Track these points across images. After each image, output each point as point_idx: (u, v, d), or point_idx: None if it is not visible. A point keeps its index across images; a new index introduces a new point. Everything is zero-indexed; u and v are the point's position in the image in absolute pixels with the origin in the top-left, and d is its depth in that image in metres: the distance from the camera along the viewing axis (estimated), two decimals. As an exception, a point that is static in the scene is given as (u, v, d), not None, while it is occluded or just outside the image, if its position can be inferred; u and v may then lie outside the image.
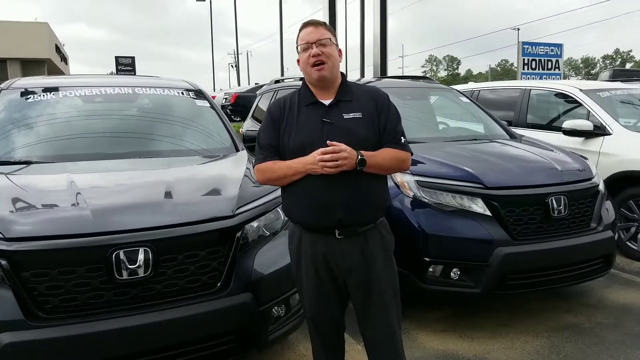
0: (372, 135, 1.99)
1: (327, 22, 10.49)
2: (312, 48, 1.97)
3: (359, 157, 1.88)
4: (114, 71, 23.73)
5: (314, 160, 1.87)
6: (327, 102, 2.02)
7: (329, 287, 2.05)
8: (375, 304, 2.05)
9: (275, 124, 2.04)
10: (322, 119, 1.98)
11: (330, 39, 2.00)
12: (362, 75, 13.48)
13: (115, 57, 24.23)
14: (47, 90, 3.52)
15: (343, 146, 1.87)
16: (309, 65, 1.98)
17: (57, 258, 2.03)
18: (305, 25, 2.04)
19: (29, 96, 3.42)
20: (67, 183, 2.42)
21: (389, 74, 11.29)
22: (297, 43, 2.05)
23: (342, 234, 1.97)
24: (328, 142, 1.87)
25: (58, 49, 25.22)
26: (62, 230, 2.07)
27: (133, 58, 24.55)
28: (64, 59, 27.60)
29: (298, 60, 2.06)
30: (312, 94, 2.04)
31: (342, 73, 2.10)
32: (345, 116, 1.99)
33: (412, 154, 2.10)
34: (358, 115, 2.00)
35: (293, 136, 1.98)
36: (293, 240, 2.09)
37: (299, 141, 1.96)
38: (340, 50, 2.07)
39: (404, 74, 8.28)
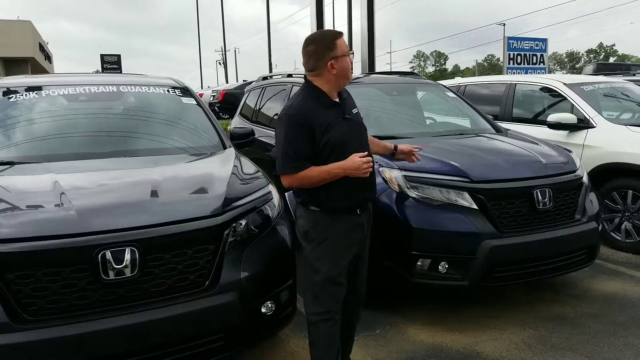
0: None
1: (315, 19, 10.46)
2: (349, 57, 2.25)
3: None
4: (100, 69, 23.47)
5: (356, 167, 2.14)
6: (337, 101, 2.31)
7: (349, 261, 2.34)
8: (364, 264, 2.47)
9: (308, 132, 2.17)
10: (344, 116, 2.27)
11: None
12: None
13: (101, 55, 23.99)
14: (30, 89, 3.47)
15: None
16: (350, 70, 2.27)
17: (42, 259, 2.00)
18: (342, 35, 2.29)
19: (11, 95, 3.37)
20: (51, 183, 2.39)
21: (376, 70, 11.32)
22: (335, 48, 2.20)
23: (361, 211, 2.33)
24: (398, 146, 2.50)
25: (42, 48, 24.85)
26: (46, 232, 2.05)
27: (119, 56, 24.30)
28: (48, 57, 27.20)
29: (332, 65, 2.19)
30: (327, 96, 2.27)
31: None
32: (354, 111, 2.35)
33: None
34: (357, 109, 2.38)
35: (330, 137, 2.18)
36: (318, 225, 2.27)
37: (336, 139, 2.19)
38: None
39: (392, 70, 8.30)
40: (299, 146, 2.17)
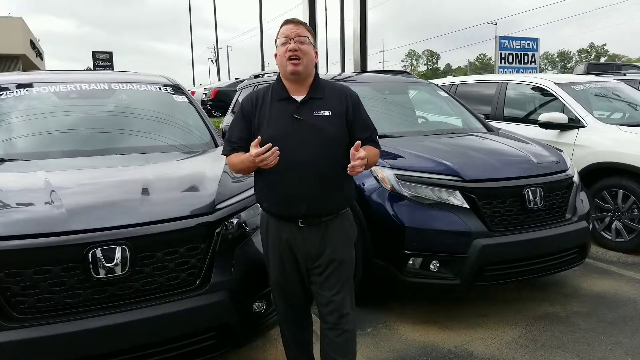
0: (340, 133, 2.10)
1: (307, 16, 10.48)
2: (290, 43, 2.06)
3: None
4: (91, 67, 23.29)
5: (254, 154, 1.95)
6: (299, 98, 2.11)
7: (293, 270, 2.19)
8: (331, 286, 2.15)
9: (246, 118, 2.15)
10: (293, 115, 2.06)
11: (308, 37, 2.11)
12: (343, 69, 13.50)
13: (93, 52, 23.75)
14: (20, 86, 3.43)
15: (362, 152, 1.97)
16: (285, 58, 2.07)
17: (32, 257, 1.99)
18: (287, 22, 2.14)
19: (1, 92, 3.33)
20: (41, 181, 2.37)
21: (369, 69, 11.33)
22: (276, 38, 2.15)
23: (304, 223, 2.10)
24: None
25: (33, 44, 24.59)
26: (36, 229, 2.03)
27: (111, 53, 24.11)
28: (39, 54, 26.93)
29: (275, 55, 2.15)
30: (285, 89, 2.12)
31: (315, 71, 2.19)
32: (316, 113, 2.08)
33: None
34: (328, 113, 2.09)
35: (264, 130, 2.06)
36: (262, 225, 2.24)
37: (269, 135, 2.03)
38: (316, 52, 2.18)
39: (384, 69, 8.31)
40: (233, 130, 2.18)
